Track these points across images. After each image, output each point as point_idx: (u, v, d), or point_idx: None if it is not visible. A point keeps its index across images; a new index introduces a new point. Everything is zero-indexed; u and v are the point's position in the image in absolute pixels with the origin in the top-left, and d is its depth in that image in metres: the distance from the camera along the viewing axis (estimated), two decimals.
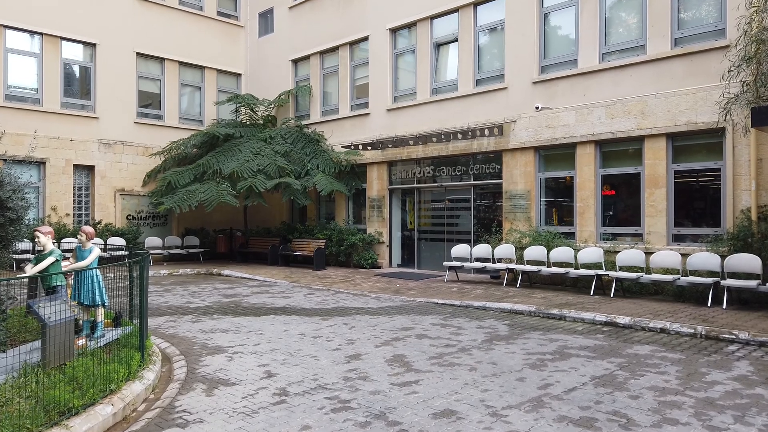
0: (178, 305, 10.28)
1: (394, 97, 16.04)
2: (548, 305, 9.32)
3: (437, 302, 10.29)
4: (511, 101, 13.20)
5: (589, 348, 6.86)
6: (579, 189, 11.98)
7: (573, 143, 12.07)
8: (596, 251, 10.79)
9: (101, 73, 17.41)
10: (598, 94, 11.74)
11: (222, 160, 16.52)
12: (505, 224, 13.17)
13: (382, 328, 8.09)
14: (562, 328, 8.04)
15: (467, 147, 13.99)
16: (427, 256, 15.45)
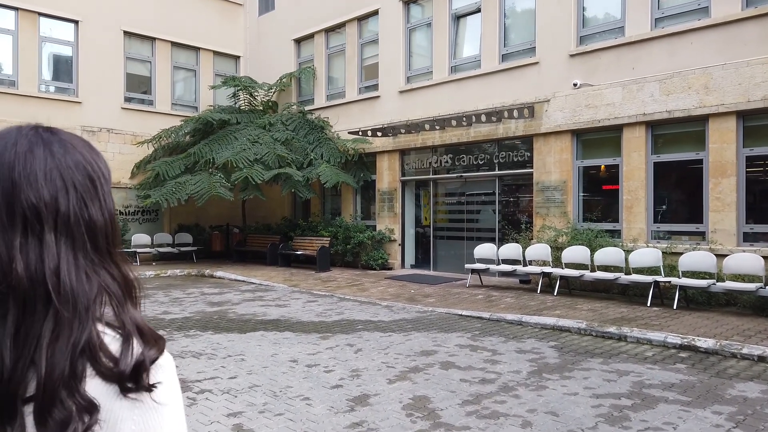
0: (151, 316, 8.62)
1: (407, 77, 14.29)
2: (601, 320, 7.56)
3: (461, 314, 8.57)
4: (543, 78, 11.40)
5: (675, 387, 5.10)
6: (626, 179, 10.18)
7: (619, 125, 10.27)
8: (652, 253, 9.00)
9: (85, 54, 15.79)
10: (650, 66, 9.92)
11: (216, 148, 14.86)
12: (537, 220, 11.40)
13: (396, 352, 6.38)
14: (627, 353, 6.28)
15: (491, 132, 12.21)
16: (444, 256, 13.71)
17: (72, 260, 0.76)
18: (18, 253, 0.72)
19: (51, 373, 0.69)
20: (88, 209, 0.79)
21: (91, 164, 0.83)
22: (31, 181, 0.76)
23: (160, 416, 0.76)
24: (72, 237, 0.77)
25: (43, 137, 0.81)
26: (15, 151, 0.77)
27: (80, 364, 0.72)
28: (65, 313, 0.72)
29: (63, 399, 0.69)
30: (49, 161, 0.78)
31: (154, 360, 0.77)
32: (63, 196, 0.77)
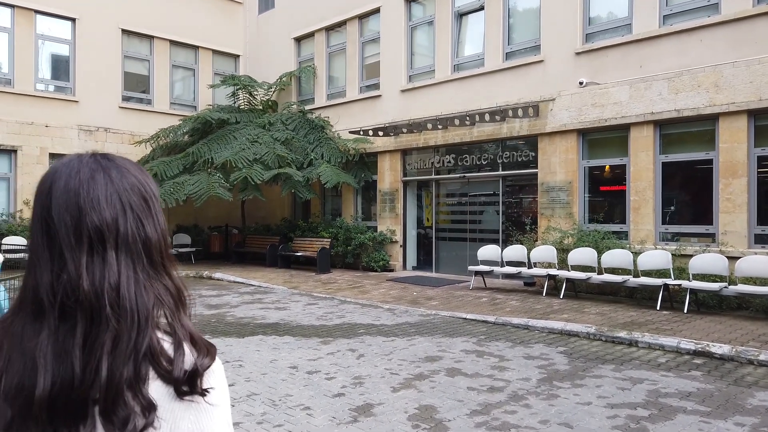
0: None
1: (409, 76, 14.07)
2: (610, 325, 7.33)
3: (466, 317, 8.34)
4: (548, 76, 11.19)
5: (692, 395, 4.87)
6: (633, 179, 9.96)
7: (626, 124, 10.05)
8: (662, 255, 8.77)
9: (82, 52, 15.57)
10: (659, 64, 9.70)
11: (214, 148, 14.63)
12: (541, 221, 11.17)
13: (399, 358, 6.15)
14: (639, 360, 6.05)
15: (495, 131, 11.99)
16: (446, 257, 13.49)
17: (132, 275, 0.84)
18: (84, 271, 0.81)
19: (112, 377, 0.77)
20: (144, 227, 0.87)
21: (144, 186, 0.91)
22: (95, 205, 0.84)
23: (211, 416, 0.84)
24: (131, 254, 0.85)
25: (101, 164, 0.89)
26: (79, 179, 0.85)
27: (143, 367, 0.80)
28: (123, 324, 0.80)
29: (126, 399, 0.77)
30: (109, 186, 0.86)
31: (207, 368, 0.85)
32: (122, 217, 0.86)
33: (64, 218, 0.83)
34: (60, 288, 0.81)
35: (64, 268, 0.82)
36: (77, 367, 0.78)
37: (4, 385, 0.78)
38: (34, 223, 0.87)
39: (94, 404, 0.78)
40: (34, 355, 0.79)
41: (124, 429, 0.78)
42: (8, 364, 0.79)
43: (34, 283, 0.83)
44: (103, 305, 0.80)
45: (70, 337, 0.79)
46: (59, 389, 0.77)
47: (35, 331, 0.81)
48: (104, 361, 0.78)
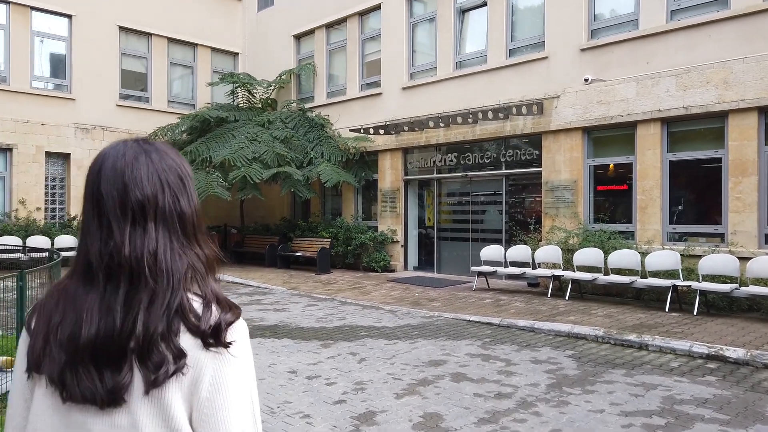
0: None
1: (411, 73, 13.86)
2: (619, 327, 7.12)
3: (469, 319, 8.13)
4: (552, 73, 10.98)
5: (709, 402, 4.67)
6: (640, 178, 9.75)
7: (632, 122, 9.84)
8: (671, 256, 8.56)
9: (78, 49, 15.36)
10: (666, 60, 9.50)
11: (213, 146, 14.42)
12: (546, 221, 10.97)
13: (402, 362, 5.94)
14: (650, 364, 5.84)
15: (498, 129, 11.78)
16: (448, 258, 13.28)
17: (168, 243, 0.98)
18: (127, 239, 0.96)
19: (147, 329, 0.92)
20: (179, 202, 1.00)
21: (180, 167, 1.04)
22: (138, 182, 0.98)
23: (232, 366, 0.96)
24: (167, 225, 0.99)
25: (143, 147, 1.02)
26: (124, 160, 0.99)
27: (175, 322, 0.94)
28: (159, 285, 0.95)
29: (160, 348, 0.92)
30: (150, 166, 1.00)
31: (230, 323, 0.97)
32: (161, 193, 0.99)
33: (111, 193, 0.97)
34: (107, 254, 0.95)
35: (110, 236, 0.96)
36: (117, 320, 0.92)
37: (59, 335, 0.94)
38: (86, 199, 1.00)
39: (132, 352, 0.92)
40: (82, 310, 0.93)
41: (157, 373, 0.91)
42: (63, 318, 0.95)
43: (85, 249, 0.98)
44: (143, 268, 0.94)
45: (114, 295, 0.93)
46: (102, 339, 0.91)
47: (87, 291, 0.95)
48: (140, 316, 0.92)
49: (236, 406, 0.96)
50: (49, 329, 0.96)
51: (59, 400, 0.94)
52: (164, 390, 0.93)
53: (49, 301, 0.99)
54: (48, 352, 0.94)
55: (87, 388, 0.92)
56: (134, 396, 0.92)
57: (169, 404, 0.93)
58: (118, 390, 0.91)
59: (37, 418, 0.97)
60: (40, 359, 0.95)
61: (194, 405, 0.94)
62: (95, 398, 0.92)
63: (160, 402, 0.93)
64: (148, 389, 0.92)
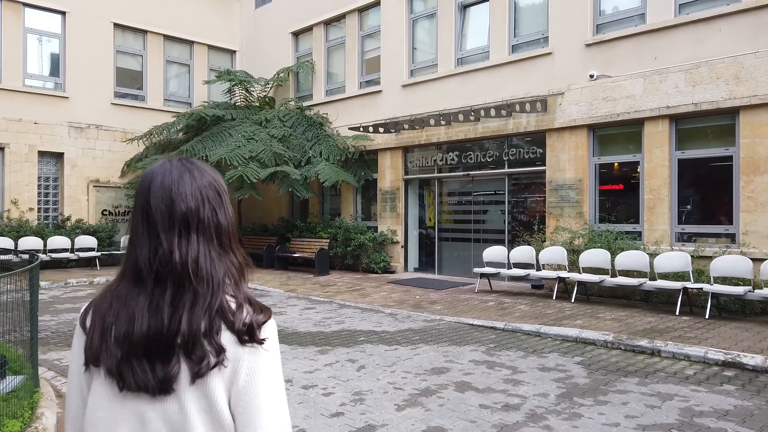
0: None
1: (411, 70, 13.57)
2: (629, 332, 6.83)
3: (472, 323, 7.84)
4: (557, 70, 10.69)
5: (730, 415, 4.38)
6: (647, 177, 9.47)
7: (640, 119, 9.56)
8: (680, 257, 8.27)
9: (72, 47, 15.07)
10: (674, 56, 9.21)
11: (209, 145, 14.13)
12: (550, 221, 10.68)
13: (403, 370, 5.65)
14: (664, 372, 5.56)
15: (501, 127, 11.50)
16: (449, 259, 12.99)
17: (207, 251, 1.12)
18: (176, 248, 1.09)
19: (190, 327, 1.05)
20: (217, 215, 1.15)
21: (217, 183, 1.18)
22: (183, 197, 1.12)
23: (265, 359, 1.10)
24: (207, 235, 1.13)
25: (186, 166, 1.16)
26: (171, 177, 1.13)
27: (216, 321, 1.07)
28: (201, 288, 1.08)
29: (202, 343, 1.05)
30: (193, 183, 1.14)
31: (262, 323, 1.11)
32: (202, 206, 1.13)
33: (160, 207, 1.11)
34: (156, 260, 1.08)
35: (159, 245, 1.09)
36: (166, 319, 1.06)
37: (114, 333, 1.07)
38: (136, 212, 1.13)
39: (179, 347, 1.05)
40: (134, 310, 1.07)
41: (200, 365, 1.04)
42: (116, 318, 1.08)
43: (135, 257, 1.10)
44: (188, 273, 1.08)
45: (161, 297, 1.07)
46: (153, 336, 1.05)
47: (136, 293, 1.09)
48: (185, 316, 1.06)
49: (268, 392, 1.08)
50: (105, 327, 1.07)
51: (116, 389, 1.06)
52: (208, 380, 1.05)
53: (102, 302, 1.11)
54: (105, 348, 1.06)
55: (141, 379, 1.04)
56: (182, 385, 1.04)
57: (212, 392, 1.05)
58: (168, 380, 1.03)
59: (96, 405, 1.08)
60: (98, 354, 1.07)
61: (232, 392, 1.06)
62: (148, 387, 1.04)
63: (204, 390, 1.05)
64: (193, 379, 1.04)
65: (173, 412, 1.05)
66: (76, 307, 9.36)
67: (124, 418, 1.06)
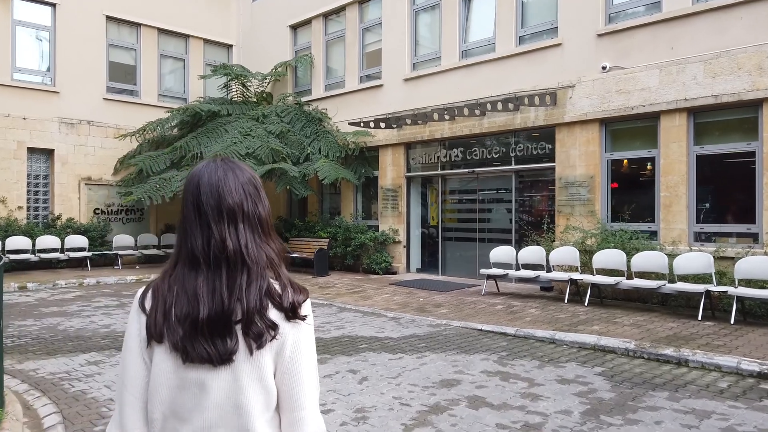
0: (120, 330, 7.42)
1: (413, 64, 13.09)
2: (652, 339, 6.36)
3: (481, 329, 7.37)
4: (567, 61, 10.22)
5: None
6: (664, 173, 8.99)
7: (655, 113, 9.09)
8: (702, 258, 7.79)
9: (63, 40, 14.56)
10: (693, 45, 8.74)
11: (204, 142, 13.64)
12: (559, 220, 10.21)
13: (409, 382, 5.18)
14: (695, 384, 5.08)
15: (508, 122, 11.02)
16: (453, 259, 12.52)
17: (253, 239, 1.28)
18: (228, 236, 1.25)
19: (249, 306, 1.21)
20: (257, 208, 1.32)
21: (255, 180, 1.36)
22: (229, 192, 1.28)
23: (306, 332, 1.28)
24: (251, 225, 1.29)
25: (229, 165, 1.32)
26: (217, 176, 1.29)
27: (265, 300, 1.23)
28: (252, 271, 1.24)
29: (257, 321, 1.21)
30: (236, 180, 1.30)
31: (302, 302, 1.29)
32: (245, 200, 1.30)
33: (209, 202, 1.27)
34: (211, 247, 1.23)
35: (211, 234, 1.24)
36: (225, 299, 1.20)
37: (175, 312, 1.21)
38: (188, 206, 1.29)
39: (236, 324, 1.20)
40: (194, 292, 1.21)
41: (260, 340, 1.21)
42: (176, 299, 1.22)
43: (190, 245, 1.25)
44: (240, 258, 1.24)
45: (218, 280, 1.22)
46: (214, 314, 1.19)
47: (193, 276, 1.23)
48: (243, 296, 1.21)
49: (309, 362, 1.27)
50: (166, 308, 1.22)
51: (179, 361, 1.20)
52: (261, 351, 1.22)
53: (161, 285, 1.26)
54: (168, 326, 1.21)
55: (203, 352, 1.19)
56: (239, 357, 1.21)
57: (263, 362, 1.22)
58: (230, 353, 1.19)
59: (159, 375, 1.22)
60: (161, 331, 1.21)
61: (278, 363, 1.24)
62: (211, 359, 1.19)
63: (257, 361, 1.22)
64: (252, 352, 1.21)
65: (229, 380, 1.20)
66: (62, 310, 8.88)
67: (186, 386, 1.20)
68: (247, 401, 1.20)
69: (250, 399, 1.20)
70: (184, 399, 1.20)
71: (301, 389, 1.23)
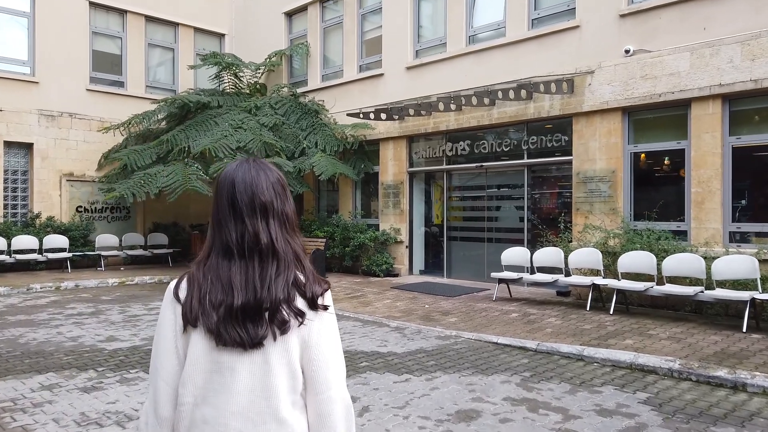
0: (89, 344, 6.55)
1: (416, 51, 12.22)
2: (699, 358, 5.50)
3: (497, 342, 6.51)
4: (585, 45, 9.35)
5: None
6: (695, 167, 8.14)
7: (686, 100, 8.23)
8: (745, 262, 6.93)
9: (42, 26, 13.67)
10: (728, 25, 7.88)
11: (192, 135, 12.75)
12: (577, 218, 9.36)
13: (420, 414, 4.32)
14: (762, 416, 4.23)
15: (519, 112, 10.16)
16: (460, 260, 11.66)
17: (281, 234, 1.38)
18: (261, 230, 1.36)
19: (276, 295, 1.31)
20: (285, 206, 1.42)
21: (282, 179, 1.45)
22: (261, 190, 1.39)
23: (329, 320, 1.39)
24: (280, 221, 1.39)
25: (260, 165, 1.43)
26: (251, 175, 1.40)
27: (292, 290, 1.34)
28: (282, 263, 1.35)
29: (283, 309, 1.31)
30: (266, 180, 1.41)
31: (324, 291, 1.39)
32: (275, 198, 1.40)
33: (243, 198, 1.37)
34: (245, 240, 1.34)
35: (245, 228, 1.35)
36: (258, 288, 1.31)
37: (209, 299, 1.30)
38: (222, 202, 1.39)
39: (265, 311, 1.30)
40: (228, 280, 1.31)
41: (283, 326, 1.31)
42: (211, 286, 1.32)
43: (224, 237, 1.36)
44: (272, 250, 1.35)
45: (251, 270, 1.33)
46: (247, 302, 1.30)
47: (227, 266, 1.33)
48: (273, 285, 1.31)
49: (333, 348, 1.37)
50: (201, 295, 1.31)
51: (213, 344, 1.30)
52: (288, 338, 1.31)
53: (196, 274, 1.35)
54: (203, 312, 1.30)
55: (236, 337, 1.28)
56: (269, 341, 1.30)
57: (291, 347, 1.31)
58: (261, 338, 1.29)
59: (194, 358, 1.30)
60: (197, 317, 1.30)
61: (304, 348, 1.33)
62: (244, 343, 1.29)
63: (285, 345, 1.31)
64: (275, 337, 1.30)
65: (259, 363, 1.30)
66: (30, 319, 8.01)
67: (218, 370, 1.30)
68: (276, 383, 1.30)
69: (279, 381, 1.30)
70: (217, 383, 1.30)
71: (329, 372, 1.34)
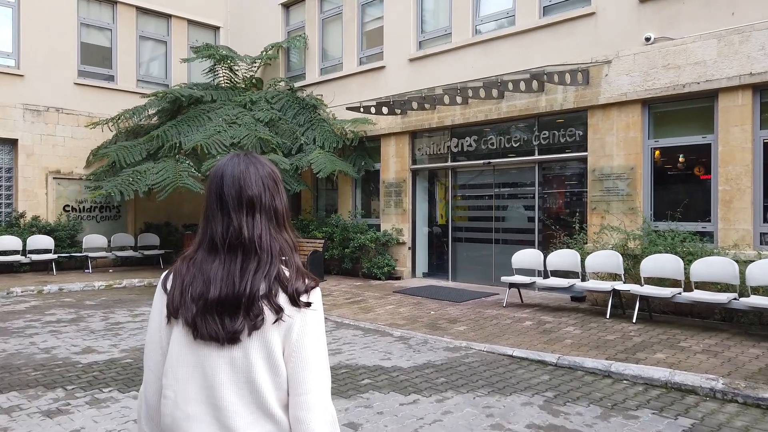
0: (63, 357, 5.93)
1: (419, 42, 11.61)
2: (743, 375, 4.89)
3: (512, 354, 5.90)
4: (602, 33, 8.75)
5: None
6: (723, 163, 7.54)
7: (712, 90, 7.63)
8: None
9: (28, 17, 13.04)
10: (760, 9, 7.28)
11: (184, 130, 12.14)
12: (592, 219, 8.76)
13: None
14: None
15: (530, 105, 9.56)
16: (466, 263, 11.05)
17: (268, 229, 1.37)
18: (245, 225, 1.34)
19: (252, 289, 1.29)
20: (274, 200, 1.41)
21: (274, 173, 1.44)
22: (249, 185, 1.38)
23: (312, 317, 1.34)
24: (267, 216, 1.38)
25: (250, 159, 1.42)
26: (239, 169, 1.39)
27: (274, 286, 1.31)
28: (263, 258, 1.33)
29: (259, 303, 1.28)
30: (256, 174, 1.40)
31: (310, 288, 1.35)
32: (263, 192, 1.39)
33: (231, 193, 1.36)
34: (229, 235, 1.34)
35: (230, 223, 1.35)
36: (237, 284, 1.29)
37: (191, 292, 1.31)
38: (211, 196, 1.39)
39: (242, 306, 1.28)
40: (209, 274, 1.31)
41: (255, 320, 1.28)
42: (193, 279, 1.32)
43: (211, 231, 1.36)
44: (254, 246, 1.33)
45: (233, 264, 1.32)
46: (225, 296, 1.29)
47: (210, 260, 1.33)
48: (250, 280, 1.30)
49: (315, 345, 1.33)
50: (183, 287, 1.32)
51: (191, 337, 1.30)
52: (268, 333, 1.28)
53: (181, 267, 1.36)
54: (183, 303, 1.31)
55: (212, 330, 1.28)
56: (244, 335, 1.28)
57: (271, 343, 1.29)
58: (236, 332, 1.27)
59: (175, 351, 1.32)
60: (177, 308, 1.31)
61: (286, 344, 1.30)
62: (219, 338, 1.28)
63: (264, 341, 1.29)
64: (250, 332, 1.28)
65: (239, 358, 1.28)
66: (4, 327, 7.39)
67: (197, 362, 1.30)
68: (257, 378, 1.27)
69: (260, 377, 1.28)
70: (198, 378, 1.29)
71: (307, 372, 1.29)
